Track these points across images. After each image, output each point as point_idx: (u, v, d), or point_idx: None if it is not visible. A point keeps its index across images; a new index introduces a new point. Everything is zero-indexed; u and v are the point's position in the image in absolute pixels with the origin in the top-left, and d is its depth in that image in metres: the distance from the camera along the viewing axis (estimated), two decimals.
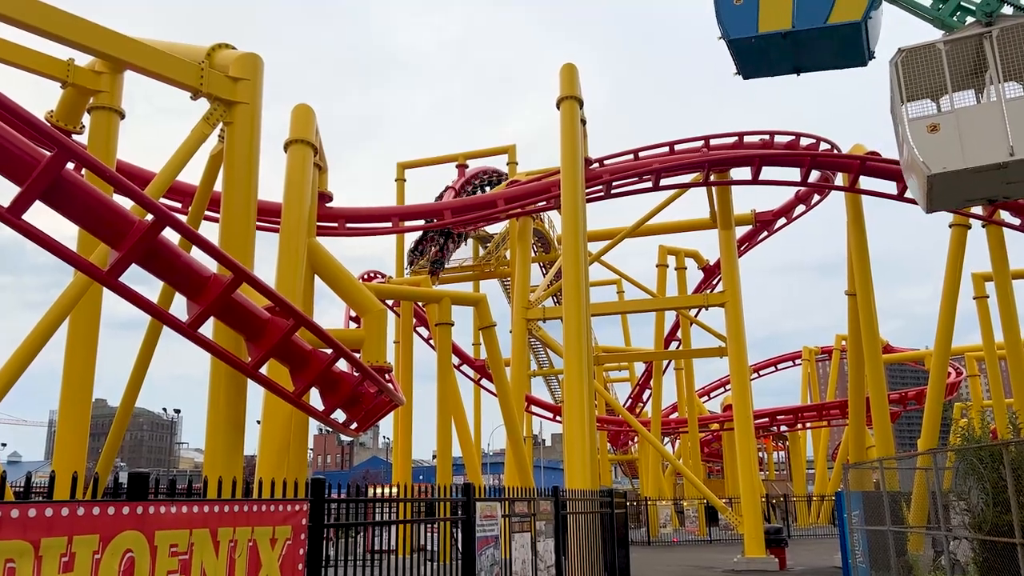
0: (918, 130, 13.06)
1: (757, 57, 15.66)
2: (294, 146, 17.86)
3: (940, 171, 12.58)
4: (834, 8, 14.37)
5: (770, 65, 16.13)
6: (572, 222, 18.07)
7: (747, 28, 14.94)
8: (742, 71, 16.18)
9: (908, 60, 13.58)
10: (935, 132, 12.97)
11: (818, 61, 15.63)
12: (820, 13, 14.48)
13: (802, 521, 45.89)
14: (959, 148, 12.87)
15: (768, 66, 16.14)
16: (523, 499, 10.04)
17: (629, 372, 52.48)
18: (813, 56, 15.40)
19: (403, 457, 29.01)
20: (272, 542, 5.65)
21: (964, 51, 13.60)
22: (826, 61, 15.59)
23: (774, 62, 15.85)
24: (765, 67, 16.30)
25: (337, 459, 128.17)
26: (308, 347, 12.44)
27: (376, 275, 37.13)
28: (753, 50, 15.35)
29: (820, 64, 15.80)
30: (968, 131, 12.99)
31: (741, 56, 15.60)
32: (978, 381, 44.27)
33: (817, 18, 14.50)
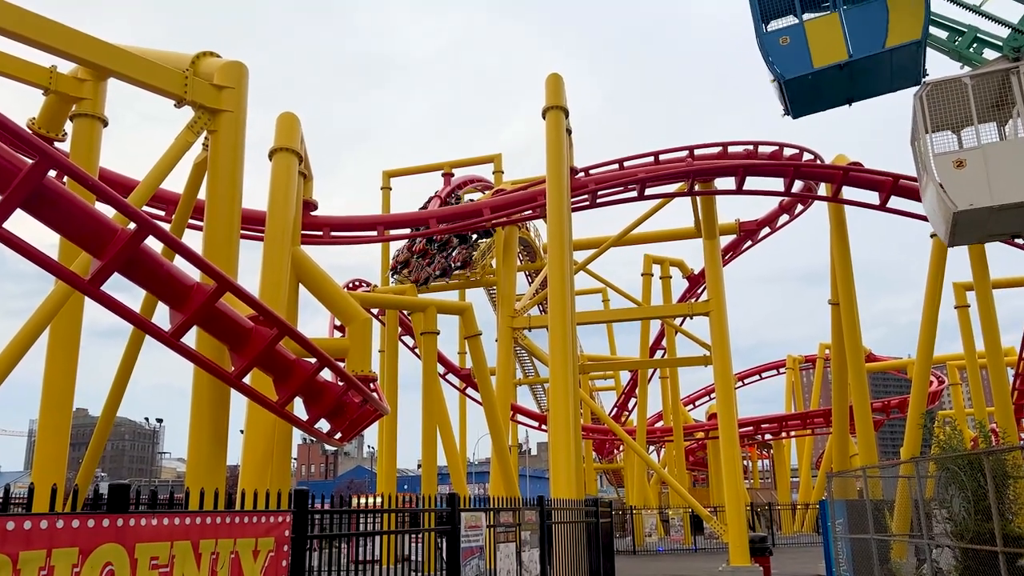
0: (944, 165, 12.87)
1: (809, 94, 15.37)
2: (279, 154, 17.81)
3: (967, 208, 12.42)
4: (889, 32, 14.18)
5: (822, 100, 15.84)
6: (557, 231, 18.11)
7: (801, 66, 14.67)
8: (792, 110, 15.84)
9: (933, 93, 13.48)
10: (961, 168, 12.79)
11: (873, 87, 15.40)
12: (876, 39, 14.28)
13: (787, 529, 46.02)
14: (986, 185, 12.70)
15: (820, 101, 15.85)
16: (508, 509, 10.02)
17: (615, 381, 52.56)
18: (868, 83, 15.18)
19: (388, 467, 28.89)
20: (255, 554, 5.60)
21: (988, 85, 13.59)
22: (881, 86, 15.35)
23: (827, 96, 15.58)
24: (817, 103, 15.98)
25: (321, 469, 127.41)
26: (292, 356, 12.38)
27: (361, 284, 37.05)
28: (806, 87, 15.08)
29: (874, 90, 15.55)
30: (995, 168, 12.82)
31: (793, 95, 15.27)
32: (959, 390, 44.66)
33: (874, 44, 14.29)
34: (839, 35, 14.50)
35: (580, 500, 13.89)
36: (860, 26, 14.45)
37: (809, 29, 14.79)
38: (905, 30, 14.12)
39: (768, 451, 60.53)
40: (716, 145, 26.16)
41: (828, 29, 14.62)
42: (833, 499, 18.48)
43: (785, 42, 14.81)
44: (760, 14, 15.18)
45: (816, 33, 14.72)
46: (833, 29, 14.58)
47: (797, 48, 14.71)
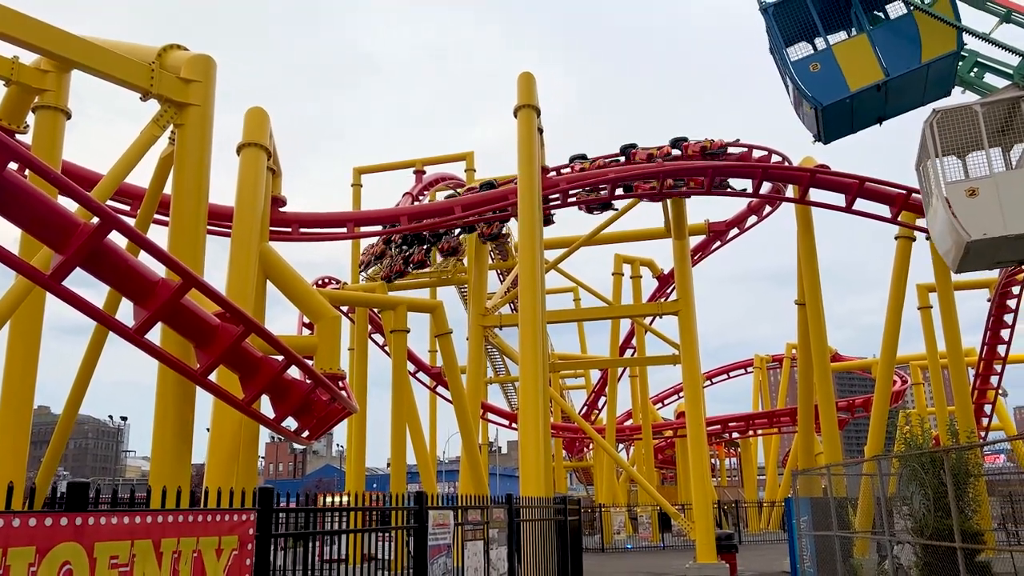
0: (957, 194, 12.80)
1: (844, 117, 15.24)
2: (247, 149, 17.62)
3: (980, 237, 12.37)
4: (924, 45, 14.06)
5: (855, 122, 15.68)
6: (528, 230, 18.13)
7: (837, 91, 14.52)
8: (824, 136, 15.69)
9: (943, 120, 13.45)
10: (974, 197, 12.73)
11: (907, 103, 15.30)
12: (911, 55, 14.17)
13: (753, 527, 46.56)
14: (999, 214, 12.63)
15: (853, 123, 15.71)
16: (476, 507, 10.02)
17: (585, 379, 52.76)
18: (903, 100, 15.06)
19: (357, 465, 28.74)
20: (218, 552, 5.54)
21: (995, 111, 13.64)
22: (915, 101, 15.25)
23: (860, 117, 15.45)
24: (849, 125, 15.84)
25: (290, 468, 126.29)
26: (259, 354, 12.24)
27: (330, 281, 36.79)
28: (843, 111, 14.91)
29: (908, 105, 15.42)
30: (1008, 197, 12.75)
31: (828, 120, 15.11)
32: (922, 389, 45.48)
33: (911, 60, 14.19)
34: (871, 56, 14.35)
35: (549, 498, 13.93)
36: (892, 44, 14.31)
37: (838, 53, 14.64)
38: (939, 42, 14.03)
39: (735, 449, 61.19)
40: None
41: (859, 51, 14.48)
42: (798, 497, 18.73)
43: (816, 68, 14.63)
44: (781, 40, 15.00)
45: (847, 56, 14.55)
46: (864, 50, 14.43)
47: (830, 73, 14.52)
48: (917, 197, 22.33)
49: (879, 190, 22.19)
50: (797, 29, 15.11)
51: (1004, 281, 29.01)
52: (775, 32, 15.00)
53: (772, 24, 14.99)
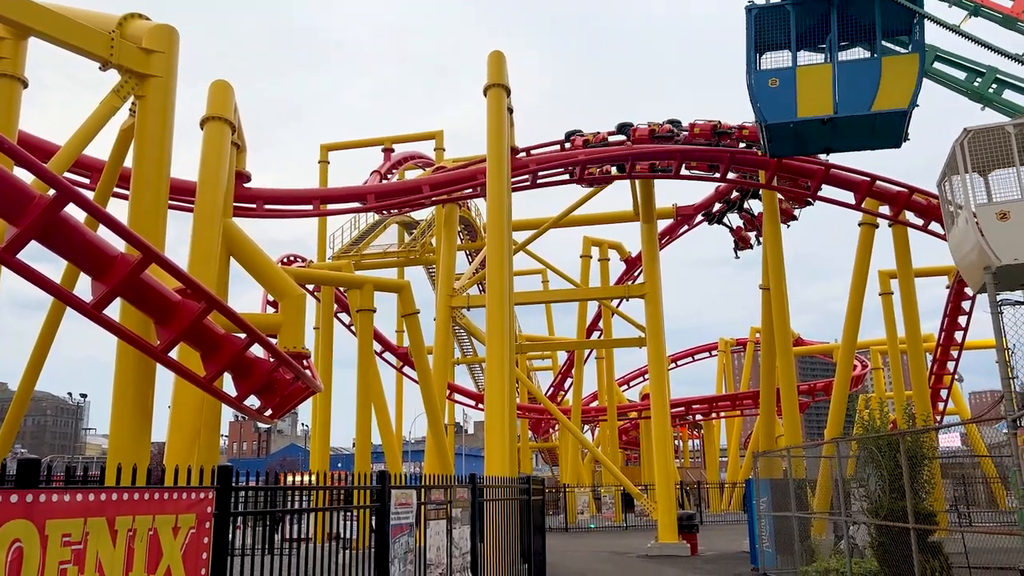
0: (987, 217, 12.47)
1: (790, 139, 15.31)
2: (211, 123, 17.28)
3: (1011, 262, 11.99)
4: (878, 95, 14.01)
5: (801, 145, 15.80)
6: (497, 210, 18.06)
7: (785, 113, 14.50)
8: (771, 151, 15.83)
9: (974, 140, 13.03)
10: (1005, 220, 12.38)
11: (853, 143, 15.40)
12: (864, 100, 14.11)
13: (714, 507, 47.32)
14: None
15: (799, 146, 15.81)
16: (439, 487, 10.02)
17: (552, 361, 52.98)
18: (849, 139, 15.14)
19: (321, 445, 28.61)
20: (175, 531, 5.46)
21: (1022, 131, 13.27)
22: (861, 143, 15.35)
23: (806, 143, 15.54)
24: (796, 147, 16.00)
25: (254, 447, 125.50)
26: (221, 331, 12.08)
27: (296, 259, 36.41)
28: (788, 133, 14.96)
29: (855, 146, 15.55)
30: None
31: (773, 138, 15.19)
32: (881, 374, 46.41)
33: (861, 105, 14.13)
34: (828, 87, 14.25)
35: (513, 477, 13.99)
36: (851, 83, 14.21)
37: (800, 76, 14.56)
38: (894, 96, 13.98)
39: (699, 431, 62.04)
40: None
41: (819, 80, 14.40)
42: (758, 478, 19.03)
43: (774, 84, 14.57)
44: (754, 46, 14.86)
45: (807, 81, 14.47)
46: (824, 80, 14.35)
47: (785, 93, 14.46)
48: (881, 185, 22.69)
49: (844, 177, 22.46)
50: (777, 36, 14.98)
51: None
52: (750, 33, 14.87)
53: (750, 25, 14.85)
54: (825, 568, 14.79)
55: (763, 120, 14.66)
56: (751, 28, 14.88)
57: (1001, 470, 36.72)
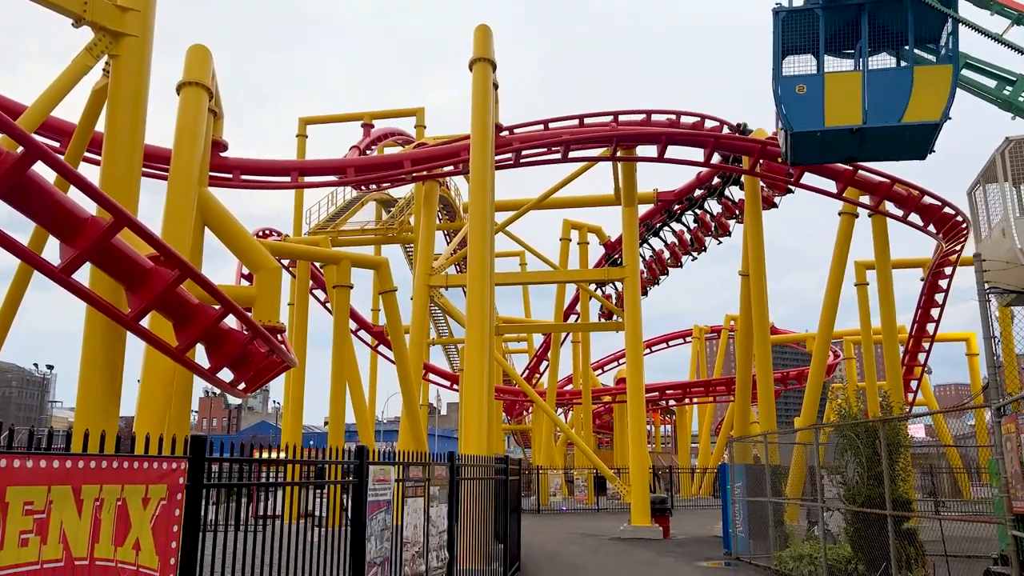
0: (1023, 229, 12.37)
1: (815, 147, 14.85)
2: (188, 88, 16.82)
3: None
4: (909, 106, 13.60)
5: (825, 154, 15.35)
6: (480, 185, 17.77)
7: (812, 121, 14.05)
8: (792, 158, 15.37)
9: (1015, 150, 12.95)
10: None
11: (879, 153, 15.03)
12: (894, 111, 13.70)
13: (685, 492, 47.64)
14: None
15: (823, 155, 15.35)
16: (417, 463, 9.80)
17: (528, 344, 52.91)
18: (875, 149, 14.72)
19: (294, 422, 28.28)
20: (144, 502, 5.20)
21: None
22: (887, 154, 14.97)
23: (831, 152, 15.09)
24: (819, 156, 15.53)
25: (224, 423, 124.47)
26: (194, 301, 11.73)
27: (271, 233, 35.86)
28: (813, 141, 14.51)
29: (880, 156, 15.17)
30: None
31: (797, 146, 14.74)
32: (853, 364, 46.90)
33: (891, 116, 13.72)
34: (857, 96, 13.84)
35: (491, 457, 13.83)
36: (881, 92, 13.80)
37: (829, 83, 14.13)
38: (926, 108, 13.59)
39: (671, 417, 62.42)
40: (640, 112, 26.21)
41: (849, 88, 13.98)
42: (733, 463, 19.05)
43: (801, 91, 14.12)
44: (780, 49, 14.36)
45: (835, 89, 14.05)
46: (853, 88, 13.94)
47: (812, 100, 14.03)
48: (863, 174, 22.71)
49: (827, 166, 22.41)
50: (802, 40, 14.52)
51: (938, 262, 29.82)
52: (777, 36, 14.40)
53: (777, 28, 14.38)
54: (799, 554, 14.84)
55: (789, 128, 14.15)
56: (778, 31, 14.38)
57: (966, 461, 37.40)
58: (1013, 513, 8.57)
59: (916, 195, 23.46)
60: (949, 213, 24.21)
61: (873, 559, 12.51)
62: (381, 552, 8.78)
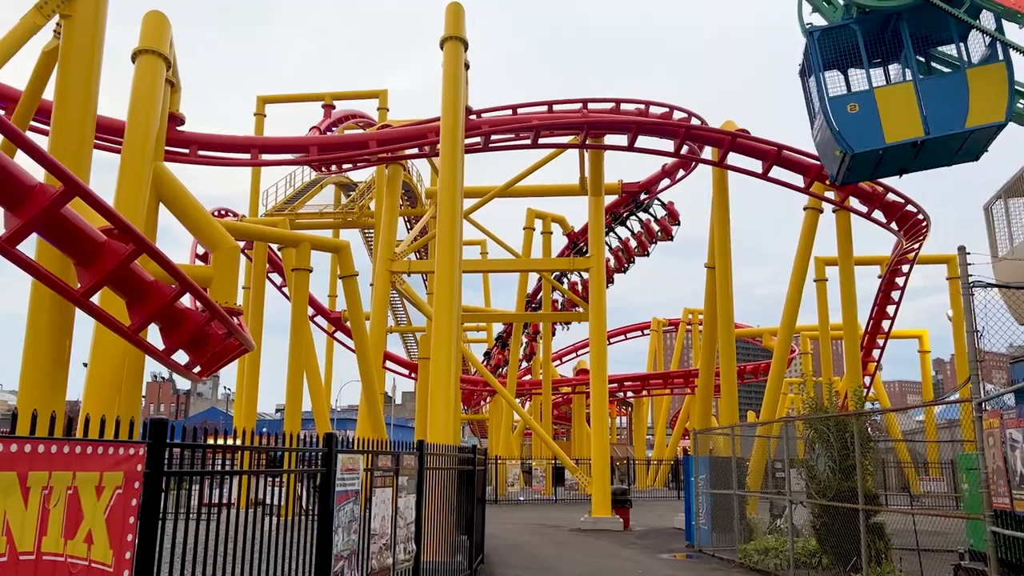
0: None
1: (868, 165, 14.30)
2: (144, 57, 16.02)
3: None
4: (971, 110, 13.20)
5: (879, 170, 14.80)
6: (450, 170, 17.28)
7: (872, 140, 13.55)
8: (843, 178, 14.81)
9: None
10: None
11: (934, 162, 14.45)
12: (956, 117, 13.26)
13: (640, 483, 47.90)
14: None
15: (877, 171, 14.81)
16: (388, 452, 9.38)
17: (487, 333, 52.55)
18: (932, 158, 14.18)
19: (247, 408, 27.46)
20: (98, 491, 4.70)
21: None
22: (943, 161, 14.39)
23: (885, 167, 14.55)
24: (871, 172, 14.96)
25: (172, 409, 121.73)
26: (149, 278, 11.12)
27: (227, 213, 34.82)
28: (870, 159, 13.95)
29: (934, 164, 14.56)
30: None
31: (855, 166, 14.18)
32: (809, 359, 47.60)
33: (953, 123, 13.28)
34: (914, 108, 13.41)
35: (459, 447, 13.46)
36: (938, 101, 13.41)
37: (880, 98, 13.71)
38: (988, 110, 13.23)
39: (627, 408, 62.71)
40: (609, 100, 25.96)
41: (902, 100, 13.55)
42: (697, 455, 18.96)
43: (854, 110, 13.65)
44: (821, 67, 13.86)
45: (888, 103, 13.60)
46: (907, 101, 13.51)
47: (867, 118, 13.54)
48: None
49: (795, 159, 22.46)
50: (837, 57, 14.14)
51: (896, 259, 30.22)
52: (816, 58, 13.96)
53: (815, 49, 13.95)
54: (764, 547, 14.76)
55: (850, 151, 13.60)
56: (815, 51, 13.91)
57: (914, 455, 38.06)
58: (993, 509, 8.49)
59: (881, 191, 23.64)
60: (911, 211, 24.48)
61: (841, 553, 12.46)
62: (348, 544, 8.35)
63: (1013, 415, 7.87)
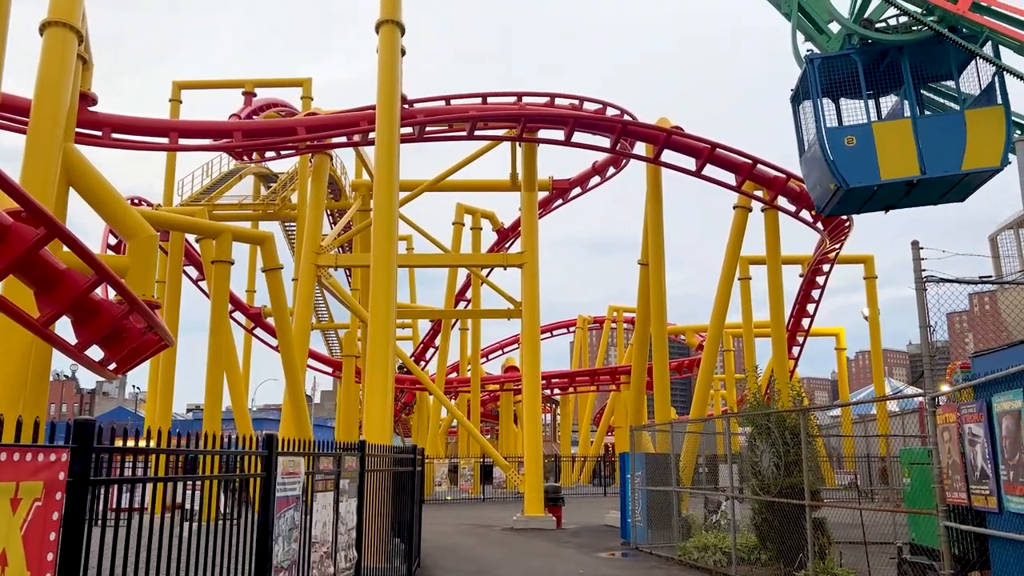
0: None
1: (858, 200, 14.05)
2: (53, 29, 14.84)
3: None
4: (967, 152, 13.01)
5: (870, 205, 14.51)
6: (387, 159, 16.62)
7: (867, 176, 13.28)
8: (830, 210, 14.57)
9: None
10: None
11: (923, 200, 14.24)
12: (952, 159, 13.07)
13: (566, 480, 47.97)
14: None
15: (867, 206, 14.56)
16: (330, 454, 8.76)
17: (413, 331, 51.73)
18: (922, 196, 13.97)
19: (162, 408, 26.03)
20: (14, 503, 4.02)
21: None
22: (929, 200, 14.20)
23: (876, 202, 14.28)
24: (858, 207, 14.70)
25: (75, 408, 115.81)
26: (61, 266, 10.17)
27: (140, 202, 33.05)
28: (862, 195, 13.73)
29: (922, 202, 14.37)
30: None
31: (846, 201, 13.92)
32: (731, 356, 48.58)
33: (950, 164, 13.09)
34: (911, 146, 13.20)
35: (402, 447, 12.90)
36: (935, 140, 13.22)
37: (878, 133, 13.50)
38: (984, 154, 13.07)
39: (552, 406, 62.87)
40: (544, 95, 25.71)
41: (899, 137, 13.34)
42: (634, 452, 18.85)
43: (851, 143, 13.40)
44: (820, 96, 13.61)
45: (886, 139, 13.39)
46: (905, 138, 13.30)
47: (864, 153, 13.32)
48: (762, 168, 23.10)
49: (728, 157, 22.68)
50: (831, 86, 13.94)
51: (818, 259, 31.03)
52: (816, 86, 13.68)
53: (815, 77, 13.68)
54: (704, 544, 14.69)
55: (845, 185, 13.39)
56: (815, 79, 13.65)
57: (829, 449, 39.29)
58: (947, 504, 8.50)
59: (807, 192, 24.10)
60: None
61: (784, 548, 12.46)
62: (288, 554, 7.72)
63: (973, 410, 7.85)
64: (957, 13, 13.03)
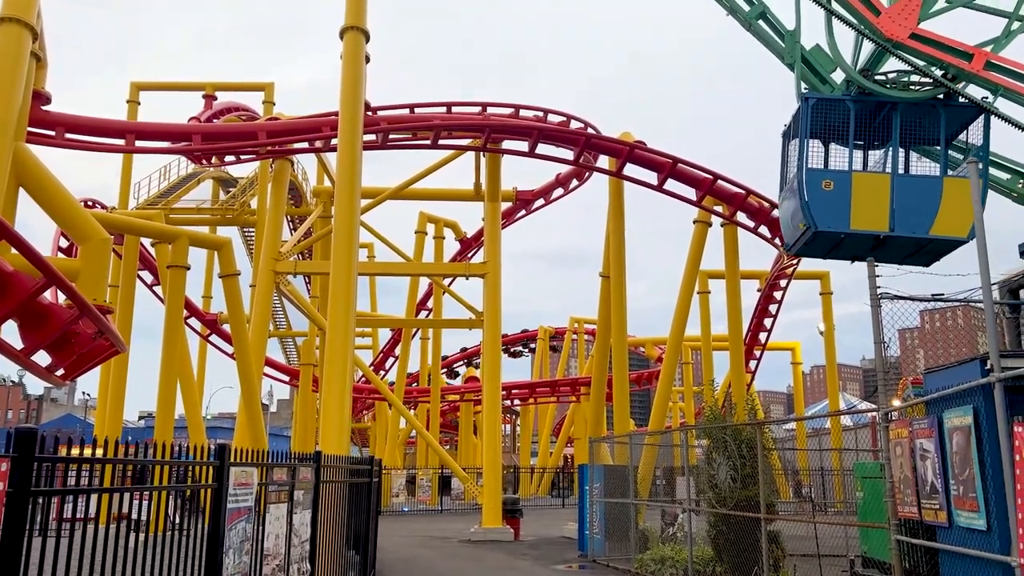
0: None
1: (825, 244, 14.14)
2: (6, 25, 14.43)
3: None
4: (937, 219, 13.16)
5: (833, 251, 14.64)
6: (349, 166, 16.46)
7: (836, 222, 13.40)
8: (798, 250, 14.74)
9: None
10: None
11: (887, 258, 13.96)
12: (922, 221, 13.23)
13: (524, 491, 47.86)
14: None
15: (830, 251, 14.69)
16: (284, 464, 8.59)
17: (372, 340, 51.31)
18: (887, 254, 13.85)
19: (113, 416, 25.37)
20: None
21: None
22: (893, 258, 13.96)
23: (842, 251, 14.40)
24: (825, 251, 14.81)
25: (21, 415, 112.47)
26: (9, 268, 9.91)
27: (94, 204, 32.33)
28: (829, 240, 13.83)
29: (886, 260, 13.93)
30: None
31: (814, 243, 14.00)
32: (690, 368, 49.00)
33: (918, 226, 13.25)
34: (885, 202, 13.34)
35: (359, 457, 12.72)
36: (909, 200, 13.35)
37: (856, 182, 13.59)
38: (954, 223, 13.20)
39: (512, 417, 62.75)
40: (508, 106, 25.76)
41: (876, 190, 13.46)
42: (593, 464, 18.87)
43: (828, 187, 13.49)
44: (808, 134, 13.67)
45: (862, 190, 13.49)
46: (881, 192, 13.44)
47: (838, 200, 13.41)
48: (722, 184, 23.40)
49: (689, 172, 22.94)
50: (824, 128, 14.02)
51: (775, 274, 31.51)
52: (806, 125, 13.77)
53: (807, 116, 13.77)
54: (661, 556, 14.73)
55: (814, 226, 13.50)
56: (806, 118, 13.75)
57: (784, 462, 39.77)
58: (898, 518, 8.62)
59: (768, 207, 24.47)
60: None
61: (739, 561, 12.54)
62: (240, 567, 7.53)
63: (924, 425, 7.98)
64: (971, 71, 13.21)
